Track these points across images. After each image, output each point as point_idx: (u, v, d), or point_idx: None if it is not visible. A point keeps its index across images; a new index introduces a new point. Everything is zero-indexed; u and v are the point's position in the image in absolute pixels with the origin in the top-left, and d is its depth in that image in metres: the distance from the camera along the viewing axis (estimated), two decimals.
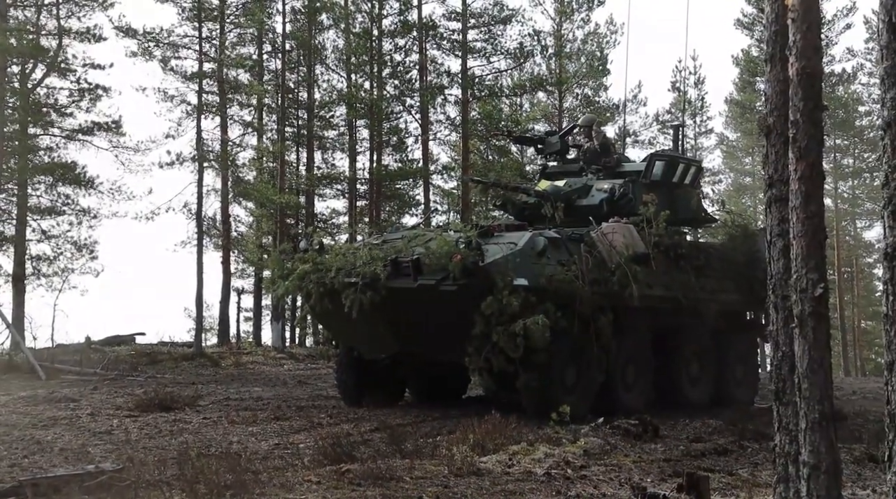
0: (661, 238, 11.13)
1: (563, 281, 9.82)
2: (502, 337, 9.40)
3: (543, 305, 9.49)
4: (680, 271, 11.40)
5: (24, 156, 22.81)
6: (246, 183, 26.04)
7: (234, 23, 26.31)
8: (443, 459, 6.83)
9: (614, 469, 6.75)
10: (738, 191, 39.43)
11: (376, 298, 9.97)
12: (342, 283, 10.32)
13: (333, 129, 29.49)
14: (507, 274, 9.50)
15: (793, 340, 3.90)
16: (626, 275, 10.28)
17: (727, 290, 12.10)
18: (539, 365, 9.69)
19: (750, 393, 13.11)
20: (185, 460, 6.42)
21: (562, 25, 28.98)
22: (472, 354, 9.74)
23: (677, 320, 11.61)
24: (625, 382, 11.03)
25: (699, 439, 8.62)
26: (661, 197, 11.66)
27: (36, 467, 6.94)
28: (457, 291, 9.58)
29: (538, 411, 9.46)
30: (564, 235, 10.56)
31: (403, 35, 26.82)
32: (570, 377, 10.23)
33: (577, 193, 12.10)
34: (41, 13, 23.13)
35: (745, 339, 13.28)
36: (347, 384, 11.81)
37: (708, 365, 12.35)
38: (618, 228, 10.84)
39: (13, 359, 17.47)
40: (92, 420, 10.01)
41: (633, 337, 11.15)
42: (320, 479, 6.05)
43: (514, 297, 9.34)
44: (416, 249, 10.15)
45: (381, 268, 10.07)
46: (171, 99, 26.03)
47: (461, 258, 9.51)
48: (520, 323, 9.28)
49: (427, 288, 9.77)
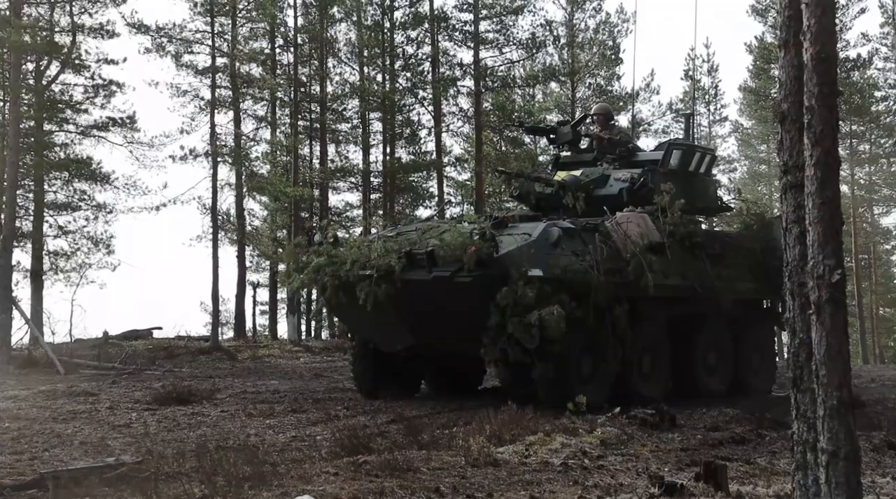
0: (677, 227, 11.04)
1: (578, 271, 9.78)
2: (518, 328, 9.35)
3: (558, 296, 9.43)
4: (695, 260, 11.31)
5: (39, 152, 22.97)
6: (260, 177, 26.10)
7: (246, 17, 26.38)
8: (459, 450, 6.84)
9: (631, 459, 6.74)
10: (753, 179, 39.25)
11: (391, 290, 9.94)
12: (357, 275, 10.30)
13: (346, 122, 29.55)
14: (522, 265, 9.46)
15: (810, 327, 3.88)
16: (641, 264, 10.20)
17: (743, 278, 11.99)
18: (555, 356, 9.61)
19: (767, 382, 13.00)
20: (204, 453, 6.47)
21: (574, 15, 28.90)
22: (488, 345, 9.72)
23: (693, 309, 11.53)
24: (641, 371, 10.97)
25: (716, 427, 8.59)
26: (677, 186, 11.56)
27: (57, 460, 7.00)
28: (471, 283, 9.55)
29: (554, 402, 9.41)
30: (579, 225, 10.46)
31: (415, 27, 26.80)
32: (586, 368, 10.21)
33: (595, 183, 11.98)
34: (55, 10, 23.24)
35: (761, 327, 13.18)
36: (364, 377, 11.82)
37: (724, 354, 12.26)
38: (632, 217, 10.76)
39: (32, 354, 17.62)
40: (111, 414, 10.08)
41: (649, 327, 11.05)
42: (338, 470, 6.07)
43: (530, 287, 9.30)
44: (431, 241, 10.10)
45: (395, 260, 10.03)
46: (185, 94, 26.20)
47: (476, 250, 9.48)
48: (535, 314, 9.23)
49: (442, 280, 9.74)
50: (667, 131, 33.74)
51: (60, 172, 24.59)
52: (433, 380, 12.56)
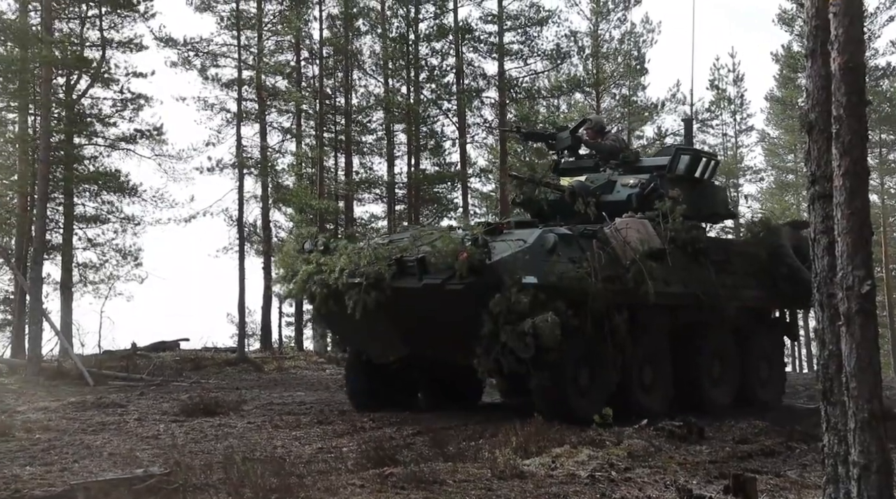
0: (678, 233, 10.78)
1: (575, 278, 9.52)
2: (511, 336, 9.10)
3: (554, 304, 9.18)
4: (699, 267, 11.03)
5: (69, 165, 23.23)
6: (285, 189, 26.25)
7: (272, 30, 26.60)
8: (485, 462, 6.82)
9: (659, 471, 6.69)
10: (780, 188, 38.94)
11: (381, 298, 9.71)
12: (346, 283, 10.02)
13: (371, 133, 29.64)
14: (516, 272, 9.23)
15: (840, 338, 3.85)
16: (640, 271, 9.95)
17: (749, 286, 11.72)
18: (551, 365, 9.38)
19: (776, 393, 12.63)
20: (231, 464, 6.50)
21: (598, 25, 28.88)
22: (481, 355, 9.46)
23: (697, 318, 11.18)
24: (642, 382, 10.67)
25: (745, 440, 8.52)
26: (685, 192, 11.38)
27: (86, 471, 7.06)
28: (463, 291, 9.30)
29: (551, 413, 9.18)
30: (576, 231, 10.20)
31: (440, 39, 26.87)
32: (583, 378, 9.93)
33: (601, 190, 11.64)
34: (84, 25, 23.55)
35: (770, 337, 12.84)
36: (357, 389, 11.52)
37: (730, 364, 11.88)
38: (632, 223, 10.49)
39: (62, 365, 17.79)
40: (139, 425, 10.15)
41: (650, 336, 10.78)
42: (364, 482, 6.08)
43: (523, 295, 9.06)
44: (423, 247, 9.88)
45: (385, 268, 9.81)
46: (211, 107, 26.43)
47: (467, 256, 9.24)
48: (528, 322, 8.98)
49: (432, 288, 9.49)
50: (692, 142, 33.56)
51: (89, 184, 24.85)
52: (430, 392, 12.19)
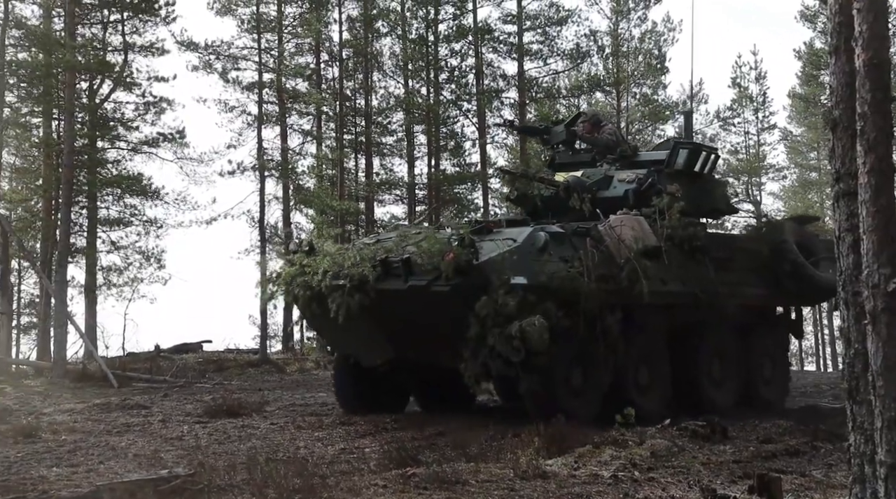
0: (675, 230, 10.44)
1: (566, 278, 9.19)
2: (499, 340, 8.76)
3: (544, 305, 8.86)
4: (697, 265, 10.70)
5: (93, 169, 23.45)
6: (306, 190, 26.36)
7: (292, 33, 26.73)
8: (508, 462, 6.81)
9: (682, 471, 6.65)
10: (803, 186, 38.65)
11: (365, 301, 9.37)
12: (329, 285, 9.70)
13: (391, 135, 29.71)
14: (504, 272, 8.91)
15: (865, 337, 3.82)
16: (635, 270, 9.63)
17: (751, 283, 11.39)
18: (540, 368, 9.04)
19: (780, 393, 12.29)
20: (255, 465, 6.53)
21: (618, 24, 28.77)
22: (468, 359, 9.10)
23: (696, 317, 10.85)
24: (638, 383, 10.35)
25: (769, 439, 8.45)
26: (684, 187, 10.97)
27: (112, 472, 7.12)
28: (449, 292, 8.97)
29: (542, 416, 8.80)
30: (569, 229, 9.90)
31: (459, 40, 26.89)
32: (576, 379, 9.67)
33: (598, 185, 11.27)
34: (107, 30, 23.76)
35: (773, 335, 12.48)
36: (346, 393, 11.18)
37: (732, 364, 11.55)
38: (626, 220, 10.17)
39: (87, 367, 17.95)
40: (163, 426, 10.21)
41: (647, 336, 10.48)
42: (386, 483, 6.09)
43: (511, 296, 8.74)
44: (408, 248, 9.56)
45: (369, 269, 9.48)
46: (232, 110, 26.59)
47: (454, 256, 8.92)
48: (516, 324, 8.65)
49: (418, 289, 9.17)
50: (713, 140, 33.41)
51: (113, 188, 25.07)
52: (422, 395, 11.81)
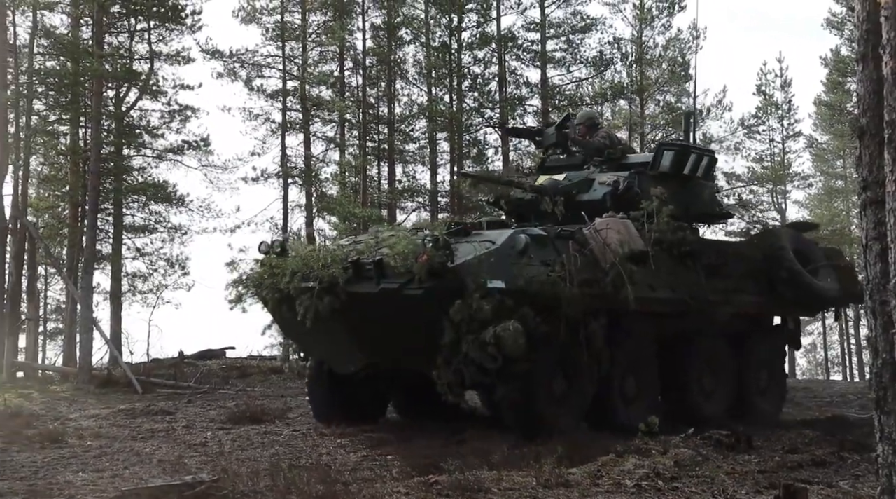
0: (664, 234, 10.02)
1: (546, 282, 8.76)
2: (472, 346, 8.34)
3: (521, 310, 8.44)
4: (687, 271, 10.30)
5: (119, 176, 23.69)
6: (329, 198, 26.48)
7: (316, 41, 26.88)
8: (530, 470, 6.79)
9: (707, 481, 6.60)
10: (829, 194, 38.31)
11: (335, 304, 8.97)
12: (297, 288, 9.32)
13: (414, 142, 29.77)
14: (480, 276, 8.48)
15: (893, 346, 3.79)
16: (620, 275, 9.19)
17: (745, 291, 10.98)
18: (518, 376, 8.68)
19: (775, 404, 11.90)
20: (278, 472, 6.57)
21: (642, 32, 28.70)
22: (442, 366, 8.63)
23: (687, 325, 10.49)
24: (624, 393, 9.96)
25: (795, 449, 8.36)
26: (670, 190, 10.57)
27: (137, 477, 7.16)
28: (422, 296, 8.54)
29: (520, 427, 8.73)
30: (552, 232, 9.49)
31: (482, 47, 26.93)
32: (558, 388, 9.24)
33: (578, 187, 10.91)
34: (133, 39, 24.01)
35: (769, 344, 12.05)
36: (320, 401, 10.79)
37: (724, 374, 11.17)
38: (613, 223, 9.78)
39: (112, 373, 18.09)
40: (187, 432, 10.27)
41: (634, 344, 10.08)
42: (409, 490, 6.09)
43: (487, 301, 8.30)
44: (382, 249, 9.12)
45: (340, 271, 9.06)
46: (256, 118, 26.75)
47: (427, 258, 8.49)
48: (490, 330, 8.23)
49: (390, 292, 8.73)
50: (738, 148, 33.23)
51: (138, 195, 25.32)
52: (402, 403, 11.42)
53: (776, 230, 12.03)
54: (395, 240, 9.17)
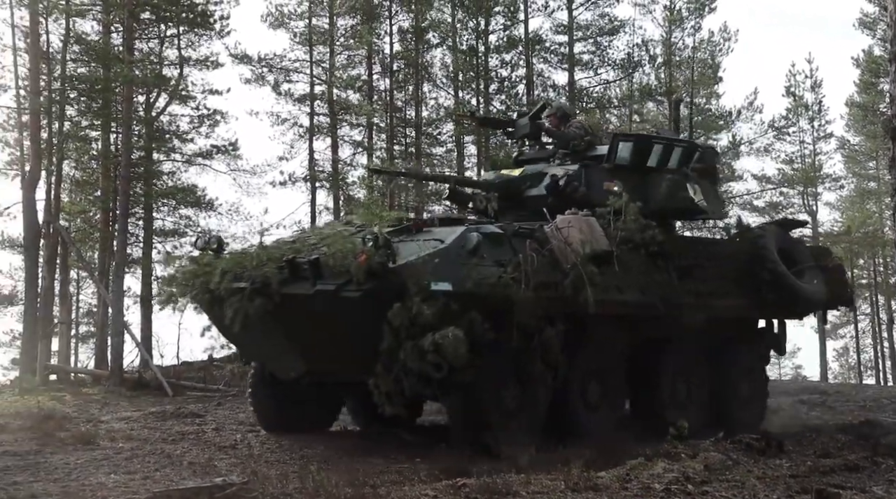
0: (632, 233, 9.37)
1: (497, 285, 8.13)
2: (411, 354, 7.67)
3: (468, 315, 7.83)
4: (659, 272, 9.64)
5: (149, 181, 23.94)
6: (356, 201, 26.57)
7: (344, 45, 27.02)
8: (559, 474, 6.77)
9: (737, 485, 6.54)
10: (860, 196, 37.86)
11: (268, 306, 8.32)
12: (228, 288, 8.64)
13: (441, 145, 29.82)
14: (424, 277, 7.82)
15: None
16: (581, 277, 8.56)
17: (724, 293, 10.35)
18: (464, 386, 8.10)
19: (756, 414, 11.18)
20: (306, 474, 6.60)
21: (672, 34, 28.56)
22: (380, 374, 7.92)
23: (659, 329, 9.85)
24: (587, 402, 9.38)
25: (827, 454, 8.26)
26: (630, 184, 9.96)
27: (167, 479, 7.22)
28: (360, 298, 7.88)
29: (468, 440, 8.27)
30: (509, 230, 8.90)
31: (510, 50, 26.94)
32: (510, 399, 8.65)
33: (530, 181, 10.31)
34: (163, 44, 24.28)
35: (750, 350, 11.38)
36: (265, 408, 10.20)
37: (699, 381, 10.57)
38: (574, 221, 9.10)
39: (143, 376, 18.30)
40: (217, 435, 10.34)
41: (598, 350, 9.54)
42: (437, 493, 6.09)
43: (429, 304, 7.66)
44: (324, 248, 8.49)
45: (274, 271, 8.43)
46: (284, 122, 26.94)
47: (365, 258, 7.85)
48: (430, 337, 7.60)
49: (326, 294, 8.07)
50: (769, 150, 32.93)
51: (168, 199, 25.56)
52: (358, 409, 10.63)
53: (759, 228, 11.26)
54: (332, 238, 8.61)
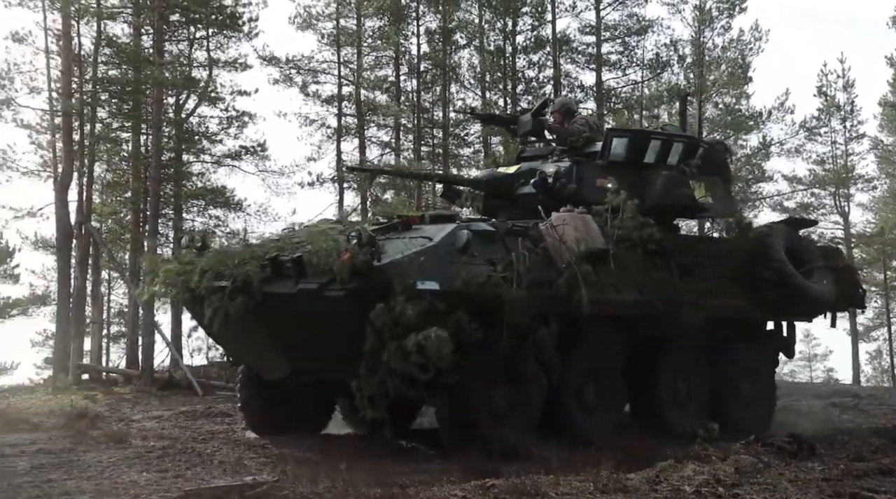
0: (629, 231, 9.14)
1: (487, 284, 7.91)
2: (394, 355, 7.46)
3: (455, 315, 7.64)
4: (659, 271, 9.45)
5: (178, 182, 24.14)
6: (384, 202, 26.65)
7: (371, 46, 27.09)
8: (588, 475, 6.75)
9: (768, 488, 6.48)
10: (894, 197, 37.36)
11: (249, 305, 8.13)
12: (208, 287, 8.45)
13: (468, 146, 29.81)
14: (410, 276, 7.62)
15: None
16: (575, 276, 8.35)
17: (726, 293, 10.14)
18: (451, 388, 7.89)
19: (762, 418, 10.82)
20: (336, 474, 6.62)
21: (702, 33, 28.35)
22: (363, 376, 7.71)
23: (658, 329, 9.64)
24: (583, 403, 9.17)
25: (861, 457, 8.17)
26: (625, 180, 9.77)
27: (198, 478, 7.27)
28: (343, 298, 7.67)
29: (457, 444, 8.07)
30: (502, 228, 8.70)
31: (537, 51, 26.89)
32: (500, 401, 8.41)
33: (523, 179, 10.14)
34: (193, 46, 24.48)
35: (755, 351, 11.08)
36: (253, 410, 9.97)
37: (700, 383, 10.33)
38: (570, 218, 8.91)
39: (173, 376, 18.46)
40: (246, 434, 10.39)
41: (594, 350, 9.36)
42: (465, 494, 6.10)
43: (413, 303, 7.47)
44: (309, 246, 8.23)
45: (256, 269, 8.24)
46: (312, 123, 27.06)
47: (349, 256, 7.65)
48: (412, 338, 7.38)
49: (308, 293, 7.84)
50: (800, 150, 32.58)
51: (197, 200, 25.75)
52: (352, 411, 9.96)
53: (766, 227, 11.03)
54: (316, 236, 8.36)
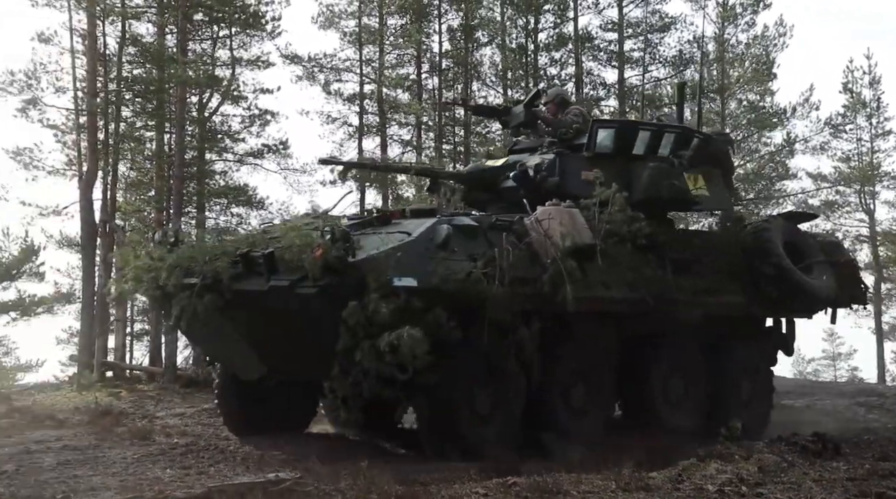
0: (618, 225, 8.87)
1: (467, 281, 7.65)
2: (367, 354, 7.28)
3: (433, 312, 7.42)
4: (651, 266, 9.20)
5: (201, 180, 24.28)
6: (405, 200, 26.66)
7: (393, 44, 27.10)
8: (610, 473, 6.75)
9: (793, 488, 6.44)
10: None
11: (218, 302, 7.94)
12: (177, 284, 8.25)
13: (490, 144, 29.75)
14: (385, 272, 7.38)
15: None
16: (560, 272, 8.09)
17: (722, 289, 9.90)
18: (428, 388, 7.70)
19: (760, 418, 10.62)
20: (358, 471, 6.65)
21: (725, 30, 28.14)
22: (337, 376, 7.57)
23: (651, 327, 9.46)
24: (569, 404, 8.97)
25: (886, 457, 8.09)
26: (611, 173, 9.46)
27: (222, 474, 7.34)
28: (316, 295, 7.44)
29: (436, 448, 8.02)
30: (485, 222, 8.44)
31: (559, 48, 26.80)
32: (482, 403, 8.26)
33: (507, 172, 9.93)
34: (216, 45, 24.60)
35: (753, 350, 10.83)
36: (231, 410, 9.83)
37: (695, 383, 10.12)
38: (556, 212, 8.61)
39: (196, 373, 18.53)
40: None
41: (582, 348, 9.13)
42: (487, 491, 6.11)
43: (387, 301, 7.23)
44: (283, 241, 7.97)
45: (226, 265, 7.99)
46: (334, 121, 27.10)
47: (322, 253, 7.40)
48: (385, 337, 7.17)
49: (280, 290, 7.63)
50: (825, 148, 32.26)
51: (220, 198, 25.88)
52: (333, 411, 10.09)
53: (765, 221, 10.83)
54: (289, 231, 8.11)
